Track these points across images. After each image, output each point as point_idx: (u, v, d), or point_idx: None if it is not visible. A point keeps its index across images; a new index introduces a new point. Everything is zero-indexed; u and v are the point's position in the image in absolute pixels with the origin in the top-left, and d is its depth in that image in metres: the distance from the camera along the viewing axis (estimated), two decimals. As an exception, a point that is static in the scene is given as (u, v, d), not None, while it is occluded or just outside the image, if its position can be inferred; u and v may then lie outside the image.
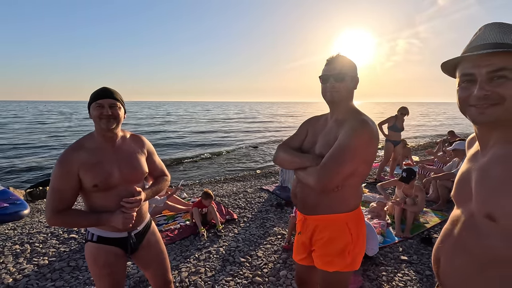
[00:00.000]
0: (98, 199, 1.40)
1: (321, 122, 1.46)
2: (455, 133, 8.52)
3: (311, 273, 1.57)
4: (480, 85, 0.73)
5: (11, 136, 19.19)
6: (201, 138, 18.96)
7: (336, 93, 1.30)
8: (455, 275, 0.82)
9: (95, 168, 1.35)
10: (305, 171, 1.29)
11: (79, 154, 1.35)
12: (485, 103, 0.73)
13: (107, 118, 1.36)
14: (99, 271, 1.44)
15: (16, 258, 2.95)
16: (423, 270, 2.73)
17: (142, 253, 1.57)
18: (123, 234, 1.47)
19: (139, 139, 1.59)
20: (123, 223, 1.37)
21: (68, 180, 1.32)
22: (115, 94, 1.41)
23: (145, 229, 1.59)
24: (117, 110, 1.40)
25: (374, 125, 1.26)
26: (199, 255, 2.99)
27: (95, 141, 1.42)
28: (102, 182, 1.35)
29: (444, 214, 4.09)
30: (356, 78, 1.34)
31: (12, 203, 4.85)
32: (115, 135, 1.45)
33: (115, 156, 1.43)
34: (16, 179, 9.01)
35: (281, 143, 1.53)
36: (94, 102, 1.37)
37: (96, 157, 1.37)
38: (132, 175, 1.46)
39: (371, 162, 1.29)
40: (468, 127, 21.65)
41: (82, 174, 1.33)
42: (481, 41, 0.75)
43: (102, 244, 1.44)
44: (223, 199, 4.88)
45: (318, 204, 1.34)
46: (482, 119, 0.75)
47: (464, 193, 0.81)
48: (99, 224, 1.38)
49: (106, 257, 1.44)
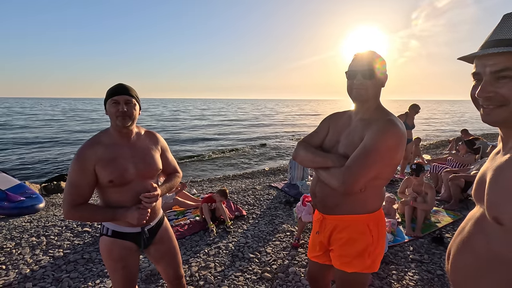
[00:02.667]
0: (113, 195, 1.42)
1: (344, 120, 1.39)
2: (469, 132, 8.33)
3: (324, 271, 1.55)
4: (482, 86, 0.71)
5: (27, 131, 19.73)
6: (208, 135, 19.08)
7: (363, 90, 1.23)
8: (460, 272, 0.81)
9: (111, 164, 1.37)
10: (328, 172, 1.24)
11: (96, 149, 1.37)
12: (490, 104, 0.71)
13: (122, 115, 1.38)
14: (114, 265, 1.47)
15: (32, 249, 3.05)
16: (434, 269, 2.69)
17: (154, 248, 1.60)
18: (136, 229, 1.49)
19: (153, 135, 1.61)
20: (138, 219, 1.39)
21: (85, 175, 1.35)
22: (130, 91, 1.43)
23: (158, 225, 1.61)
24: (132, 107, 1.41)
25: (402, 126, 1.20)
26: (209, 250, 3.03)
27: (111, 137, 1.44)
28: (118, 178, 1.37)
29: (457, 213, 4.02)
30: (385, 75, 1.26)
31: (28, 196, 5.01)
32: (130, 132, 1.47)
33: (130, 152, 1.45)
34: (31, 174, 9.28)
35: (300, 140, 1.48)
36: (110, 98, 1.39)
37: (112, 153, 1.39)
38: (146, 171, 1.47)
39: (396, 165, 1.24)
40: (482, 125, 21.09)
41: (98, 169, 1.35)
42: (492, 36, 0.72)
43: (116, 239, 1.46)
44: (232, 196, 4.91)
45: (338, 204, 1.30)
46: (488, 120, 0.73)
47: (480, 192, 0.80)
48: (114, 219, 1.41)
49: (120, 251, 1.46)
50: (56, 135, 18.22)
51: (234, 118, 34.71)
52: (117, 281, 1.50)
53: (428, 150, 11.08)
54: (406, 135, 1.20)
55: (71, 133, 19.64)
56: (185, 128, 22.96)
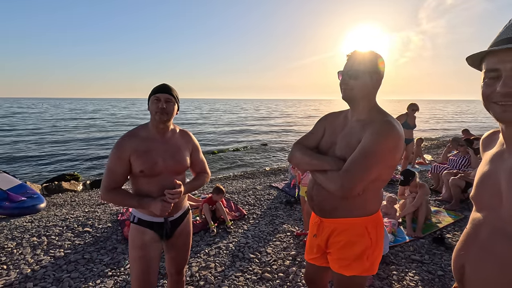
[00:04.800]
0: (143, 184, 1.53)
1: (340, 121, 1.37)
2: (470, 131, 8.31)
3: (321, 274, 1.53)
4: (504, 81, 0.69)
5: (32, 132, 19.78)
6: (210, 135, 19.09)
7: (349, 90, 1.24)
8: (483, 282, 0.76)
9: (143, 156, 1.48)
10: (325, 175, 1.21)
11: (132, 141, 1.50)
12: (509, 100, 0.69)
13: (161, 112, 1.48)
14: (134, 253, 1.56)
15: (33, 249, 3.05)
16: (435, 270, 2.69)
17: (173, 240, 1.66)
18: (160, 219, 1.57)
19: (186, 134, 1.71)
20: (161, 210, 1.47)
21: (121, 163, 1.47)
22: (172, 91, 1.54)
23: (182, 218, 1.68)
24: (171, 106, 1.52)
25: (400, 126, 1.18)
26: (209, 251, 3.03)
27: (148, 131, 1.56)
28: (148, 169, 1.48)
29: (458, 214, 4.01)
30: (376, 75, 1.23)
31: (29, 196, 5.03)
32: (166, 128, 1.58)
33: (163, 147, 1.55)
34: (32, 174, 9.31)
35: (296, 141, 1.45)
36: (153, 95, 1.51)
37: (146, 145, 1.51)
38: (175, 166, 1.57)
39: (395, 166, 1.23)
40: (484, 125, 21.03)
41: (133, 159, 1.47)
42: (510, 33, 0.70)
43: (140, 226, 1.56)
44: (233, 196, 4.91)
45: (336, 207, 1.28)
46: (506, 117, 0.71)
47: (490, 196, 0.76)
48: (140, 206, 1.50)
49: (142, 240, 1.55)
50: (58, 135, 18.26)
51: (235, 118, 34.72)
52: (133, 271, 1.56)
53: (430, 150, 11.06)
54: (404, 136, 1.19)
55: (73, 133, 19.67)
56: (187, 127, 22.95)
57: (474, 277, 0.79)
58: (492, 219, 0.76)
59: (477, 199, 0.82)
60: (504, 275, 0.71)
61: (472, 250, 0.80)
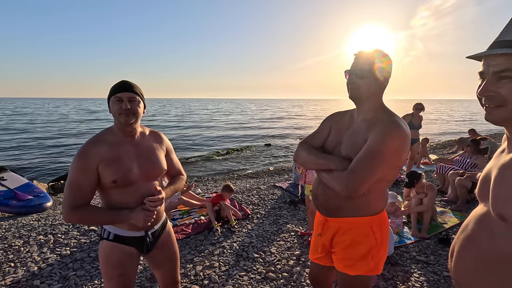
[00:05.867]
0: (116, 196, 1.35)
1: (345, 120, 1.37)
2: (476, 131, 8.22)
3: (326, 273, 1.53)
4: (484, 85, 0.73)
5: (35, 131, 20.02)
6: (213, 135, 19.13)
7: (355, 89, 1.24)
8: (464, 269, 0.82)
9: (114, 163, 1.30)
10: (330, 174, 1.22)
11: (99, 148, 1.30)
12: (491, 103, 0.73)
13: (125, 112, 1.31)
14: (111, 272, 1.40)
15: (40, 247, 3.09)
16: (440, 271, 2.67)
17: (156, 252, 1.53)
18: (140, 233, 1.42)
19: (158, 135, 1.55)
20: (144, 221, 1.33)
21: (87, 174, 1.27)
22: (134, 88, 1.37)
23: (162, 228, 1.55)
24: (136, 105, 1.35)
25: (406, 126, 1.18)
26: (213, 250, 3.04)
27: (114, 135, 1.38)
28: (121, 178, 1.30)
29: (464, 214, 3.97)
30: (383, 74, 1.23)
31: (36, 195, 5.09)
32: (134, 130, 1.41)
33: (135, 151, 1.39)
34: (38, 173, 9.42)
35: (301, 141, 1.46)
36: (113, 95, 1.34)
37: (115, 152, 1.33)
38: (151, 171, 1.42)
39: (401, 166, 1.23)
40: (491, 125, 20.79)
41: (102, 168, 1.28)
42: (498, 37, 0.73)
43: (117, 243, 1.39)
44: (237, 195, 4.92)
45: (341, 207, 1.28)
46: (489, 119, 0.76)
47: (484, 190, 0.81)
48: (117, 221, 1.34)
49: (120, 257, 1.39)
50: (62, 135, 18.45)
51: (239, 118, 34.75)
52: None
53: (435, 150, 10.96)
54: (410, 136, 1.18)
55: (77, 132, 19.86)
56: (191, 127, 23.07)
57: (458, 262, 0.85)
58: (479, 211, 0.82)
59: (477, 193, 0.87)
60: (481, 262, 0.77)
61: (459, 238, 0.87)
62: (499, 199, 0.71)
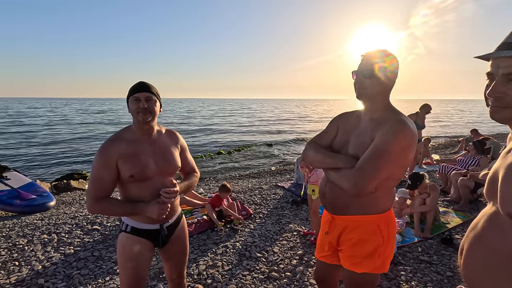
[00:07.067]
0: (133, 190, 1.45)
1: (353, 120, 1.38)
2: (478, 132, 8.19)
3: (332, 271, 1.54)
4: (493, 87, 0.74)
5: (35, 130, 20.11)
6: (215, 135, 19.15)
7: (363, 90, 1.25)
8: (473, 267, 0.83)
9: (132, 159, 1.40)
10: (338, 173, 1.24)
11: (118, 145, 1.41)
12: (498, 104, 0.75)
13: (143, 111, 1.40)
14: (125, 263, 1.48)
15: (44, 246, 3.11)
16: (443, 271, 2.66)
17: (170, 246, 1.60)
18: (155, 226, 1.50)
19: (173, 134, 1.64)
20: (158, 214, 1.40)
21: (107, 169, 1.38)
22: (151, 88, 1.46)
23: (176, 222, 1.62)
24: (152, 104, 1.44)
25: (413, 126, 1.19)
26: (216, 249, 3.05)
27: (133, 133, 1.48)
28: (138, 173, 1.40)
29: (467, 214, 3.96)
30: (390, 74, 1.24)
31: (40, 195, 5.12)
32: (151, 128, 1.49)
33: (151, 148, 1.48)
34: (41, 172, 9.46)
35: (309, 140, 1.48)
36: (132, 95, 1.43)
37: (133, 148, 1.43)
38: (166, 168, 1.50)
39: (407, 165, 1.24)
40: (495, 125, 20.68)
41: (120, 164, 1.38)
42: (509, 38, 0.74)
43: (134, 236, 1.48)
44: (239, 195, 4.93)
45: (349, 205, 1.29)
46: (495, 118, 0.78)
47: (492, 190, 0.81)
48: (134, 213, 1.42)
49: (135, 248, 1.47)
50: (66, 134, 18.53)
51: (240, 118, 34.77)
52: (124, 280, 1.50)
53: (437, 150, 10.93)
54: (417, 135, 1.19)
55: (80, 132, 19.94)
56: (193, 127, 23.10)
57: (468, 260, 0.85)
58: (488, 210, 0.82)
59: (486, 193, 0.88)
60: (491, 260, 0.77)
61: (469, 236, 0.87)
62: (507, 198, 0.72)
